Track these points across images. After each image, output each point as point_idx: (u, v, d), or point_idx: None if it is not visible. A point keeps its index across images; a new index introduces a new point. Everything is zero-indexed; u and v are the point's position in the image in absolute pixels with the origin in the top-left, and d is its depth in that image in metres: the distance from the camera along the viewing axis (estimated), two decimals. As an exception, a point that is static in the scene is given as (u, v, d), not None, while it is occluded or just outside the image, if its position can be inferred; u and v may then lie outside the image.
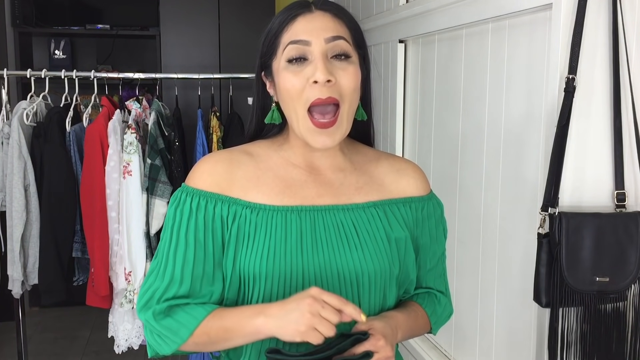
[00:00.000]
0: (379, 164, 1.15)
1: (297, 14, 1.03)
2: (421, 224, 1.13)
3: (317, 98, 0.99)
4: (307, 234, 1.03)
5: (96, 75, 2.66)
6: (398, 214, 1.10)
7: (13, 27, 4.05)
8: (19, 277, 2.50)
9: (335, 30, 1.02)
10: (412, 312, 1.12)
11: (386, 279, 1.06)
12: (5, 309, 3.25)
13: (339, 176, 1.10)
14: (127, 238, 2.44)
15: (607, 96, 1.23)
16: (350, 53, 1.03)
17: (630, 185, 1.23)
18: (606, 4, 1.20)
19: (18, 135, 2.43)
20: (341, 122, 1.02)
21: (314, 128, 1.01)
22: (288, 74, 1.02)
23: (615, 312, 1.22)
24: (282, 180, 1.07)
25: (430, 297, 1.18)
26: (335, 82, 1.00)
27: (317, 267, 1.02)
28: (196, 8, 3.89)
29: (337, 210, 1.06)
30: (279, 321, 0.94)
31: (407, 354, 2.01)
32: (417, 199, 1.13)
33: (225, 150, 1.13)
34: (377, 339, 0.96)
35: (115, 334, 2.57)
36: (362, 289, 1.04)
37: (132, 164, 2.43)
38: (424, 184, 1.16)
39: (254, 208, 1.04)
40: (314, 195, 1.07)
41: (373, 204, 1.09)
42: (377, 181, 1.12)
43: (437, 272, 1.19)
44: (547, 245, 1.22)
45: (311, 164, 1.10)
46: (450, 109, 1.79)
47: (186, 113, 3.16)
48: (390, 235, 1.07)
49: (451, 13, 1.69)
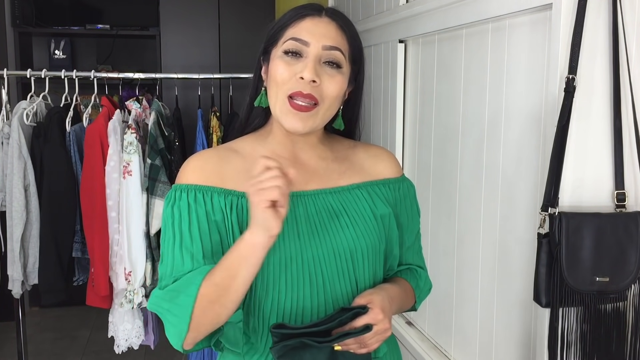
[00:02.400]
0: (356, 151, 1.24)
1: (307, 14, 1.11)
2: (399, 203, 1.22)
3: (298, 90, 1.07)
4: (300, 217, 1.10)
5: (96, 75, 2.66)
6: (380, 193, 1.18)
7: (13, 27, 4.05)
8: (19, 277, 2.50)
9: (334, 41, 1.10)
10: (402, 286, 1.20)
11: (376, 253, 1.14)
12: (5, 309, 3.25)
13: (322, 164, 1.18)
14: (127, 238, 2.44)
15: (607, 96, 1.23)
16: (342, 64, 1.11)
17: (630, 185, 1.23)
18: (606, 4, 1.20)
19: (18, 135, 2.43)
20: (316, 115, 1.09)
21: (290, 109, 1.07)
22: (281, 62, 1.09)
23: (615, 312, 1.22)
24: None
25: (412, 273, 1.26)
26: (320, 84, 1.07)
27: (314, 248, 1.08)
28: (196, 8, 3.89)
29: (325, 194, 1.14)
30: (254, 223, 0.96)
31: (407, 354, 2.01)
32: (393, 180, 1.22)
33: (210, 149, 1.20)
34: (376, 312, 1.02)
35: (115, 334, 2.57)
36: (357, 265, 1.11)
37: (132, 164, 2.43)
38: (397, 167, 1.26)
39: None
40: (302, 182, 1.12)
41: (357, 185, 1.17)
42: (357, 166, 1.21)
43: (415, 249, 1.27)
44: (547, 245, 1.22)
45: (295, 154, 1.16)
46: (450, 109, 1.79)
47: (186, 113, 3.17)
48: (376, 213, 1.15)
49: (451, 13, 1.69)
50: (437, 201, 1.90)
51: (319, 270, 1.08)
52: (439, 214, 1.89)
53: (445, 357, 1.87)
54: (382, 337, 1.04)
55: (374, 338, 1.02)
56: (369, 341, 1.02)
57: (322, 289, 1.08)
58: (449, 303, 1.83)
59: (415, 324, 2.10)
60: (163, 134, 2.52)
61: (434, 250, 1.91)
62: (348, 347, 1.02)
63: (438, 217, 1.89)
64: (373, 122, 2.37)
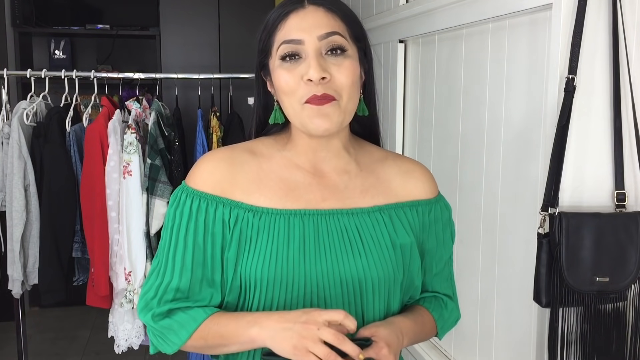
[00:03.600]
0: (386, 165, 1.11)
1: (290, 10, 1.01)
2: (428, 228, 1.10)
3: (312, 95, 0.97)
4: (310, 239, 1.01)
5: (96, 75, 2.66)
6: (404, 218, 1.07)
7: (13, 27, 4.05)
8: (19, 277, 2.50)
9: (328, 26, 0.99)
10: (418, 317, 1.10)
11: (390, 285, 1.04)
12: (5, 309, 3.25)
13: (343, 178, 1.07)
14: (127, 238, 2.44)
15: (607, 96, 1.23)
16: (346, 47, 1.00)
17: (630, 185, 1.23)
18: (606, 4, 1.20)
19: (18, 135, 2.43)
20: (338, 108, 0.98)
21: (311, 108, 0.97)
22: (282, 71, 1.00)
23: (615, 312, 1.22)
24: (286, 183, 1.05)
25: (437, 301, 1.15)
26: (331, 78, 0.97)
27: (319, 273, 1.00)
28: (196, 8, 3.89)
29: (341, 215, 1.03)
30: (274, 335, 0.93)
31: (407, 354, 2.01)
32: (424, 202, 1.10)
33: (227, 147, 1.10)
34: (380, 347, 0.94)
35: (115, 334, 2.57)
36: (366, 296, 1.02)
37: (132, 164, 2.43)
38: (431, 186, 1.12)
39: (256, 212, 1.01)
40: (318, 199, 1.04)
41: (378, 208, 1.06)
42: (384, 183, 1.09)
43: (444, 276, 1.16)
44: (547, 245, 1.22)
45: (315, 165, 1.07)
46: (451, 109, 1.79)
47: (186, 113, 3.16)
48: (395, 242, 1.04)
49: (451, 13, 1.69)
50: (437, 201, 1.90)
51: (322, 298, 1.00)
52: (439, 214, 1.89)
53: (445, 357, 1.87)
54: None
55: None
56: None
57: None
58: (449, 303, 1.83)
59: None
60: (163, 134, 2.52)
61: (434, 250, 1.91)
62: None
63: (438, 217, 1.89)
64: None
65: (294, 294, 0.99)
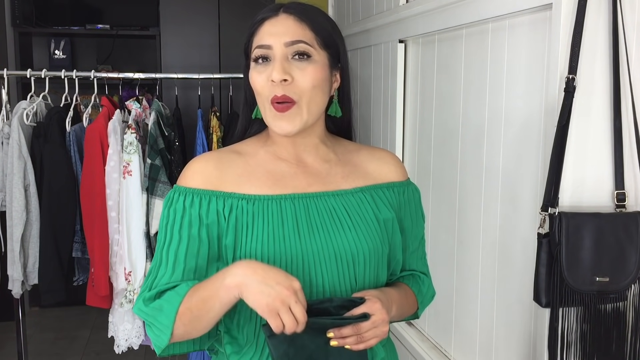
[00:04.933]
0: (361, 154, 1.23)
1: (265, 17, 1.12)
2: (404, 207, 1.21)
3: (274, 95, 1.07)
4: (302, 219, 1.09)
5: (96, 75, 2.66)
6: (384, 197, 1.18)
7: (13, 27, 4.05)
8: (19, 277, 2.50)
9: (294, 35, 1.08)
10: (402, 290, 1.19)
11: (379, 257, 1.13)
12: (5, 309, 3.25)
13: (325, 167, 1.17)
14: (127, 238, 2.44)
15: (607, 96, 1.23)
16: (311, 53, 1.09)
17: (630, 185, 1.23)
18: (606, 4, 1.20)
19: (18, 135, 2.43)
20: (300, 111, 1.08)
21: (275, 113, 1.08)
22: (254, 72, 1.10)
23: (615, 312, 1.22)
24: (272, 174, 1.13)
25: (415, 279, 1.25)
26: (293, 81, 1.07)
27: (315, 249, 1.08)
28: (196, 8, 3.89)
29: (327, 197, 1.13)
30: (250, 284, 0.96)
31: (407, 354, 2.01)
32: (398, 184, 1.21)
33: (213, 151, 1.23)
34: (374, 302, 1.02)
35: (115, 334, 2.57)
36: (358, 268, 1.10)
37: (132, 164, 2.43)
38: (402, 170, 1.25)
39: (249, 199, 1.09)
40: (304, 185, 1.13)
41: (360, 189, 1.16)
42: (361, 169, 1.20)
43: (419, 255, 1.27)
44: (547, 245, 1.22)
45: (297, 156, 1.16)
46: (450, 109, 1.79)
47: (186, 113, 3.17)
48: (379, 217, 1.15)
49: (451, 13, 1.69)
50: (437, 201, 1.90)
51: (319, 272, 1.08)
52: (439, 214, 1.89)
53: (445, 357, 1.87)
54: (379, 331, 1.01)
55: (371, 331, 1.00)
56: (366, 334, 0.99)
57: (321, 291, 1.08)
58: (449, 303, 1.83)
59: (415, 324, 2.10)
60: (163, 134, 2.52)
61: (434, 250, 1.91)
62: (344, 341, 0.98)
63: (438, 217, 1.89)
64: (373, 122, 2.37)
65: (292, 271, 1.06)
